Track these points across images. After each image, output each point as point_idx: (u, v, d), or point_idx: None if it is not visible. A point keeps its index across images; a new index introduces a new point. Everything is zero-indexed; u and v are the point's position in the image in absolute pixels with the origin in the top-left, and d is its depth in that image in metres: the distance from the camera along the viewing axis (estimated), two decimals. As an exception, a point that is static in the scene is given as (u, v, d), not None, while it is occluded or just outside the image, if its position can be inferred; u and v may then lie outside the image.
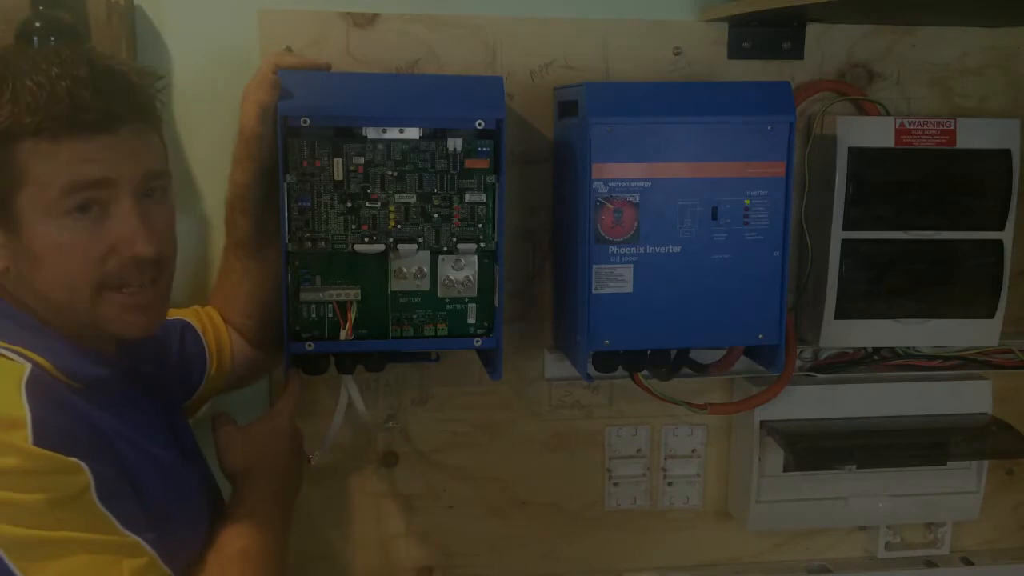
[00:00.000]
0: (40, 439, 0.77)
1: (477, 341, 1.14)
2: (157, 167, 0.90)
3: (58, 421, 0.80)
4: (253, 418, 1.10)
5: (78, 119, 0.82)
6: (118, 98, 0.85)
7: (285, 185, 1.06)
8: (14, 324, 0.86)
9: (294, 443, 1.11)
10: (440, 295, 1.12)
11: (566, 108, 1.21)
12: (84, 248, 0.84)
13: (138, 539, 0.81)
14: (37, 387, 0.81)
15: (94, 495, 0.79)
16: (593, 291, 1.14)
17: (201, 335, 1.12)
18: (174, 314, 1.12)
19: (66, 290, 0.85)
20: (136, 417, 0.91)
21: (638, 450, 1.38)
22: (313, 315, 1.10)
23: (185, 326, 1.11)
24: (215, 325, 1.14)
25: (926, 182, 1.28)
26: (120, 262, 0.86)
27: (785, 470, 1.34)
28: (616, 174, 1.12)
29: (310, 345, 1.10)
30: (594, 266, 1.14)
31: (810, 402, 1.34)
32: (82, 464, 0.79)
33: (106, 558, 0.79)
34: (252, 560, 0.93)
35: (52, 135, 0.82)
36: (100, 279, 0.86)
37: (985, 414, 1.38)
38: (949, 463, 1.37)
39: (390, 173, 1.08)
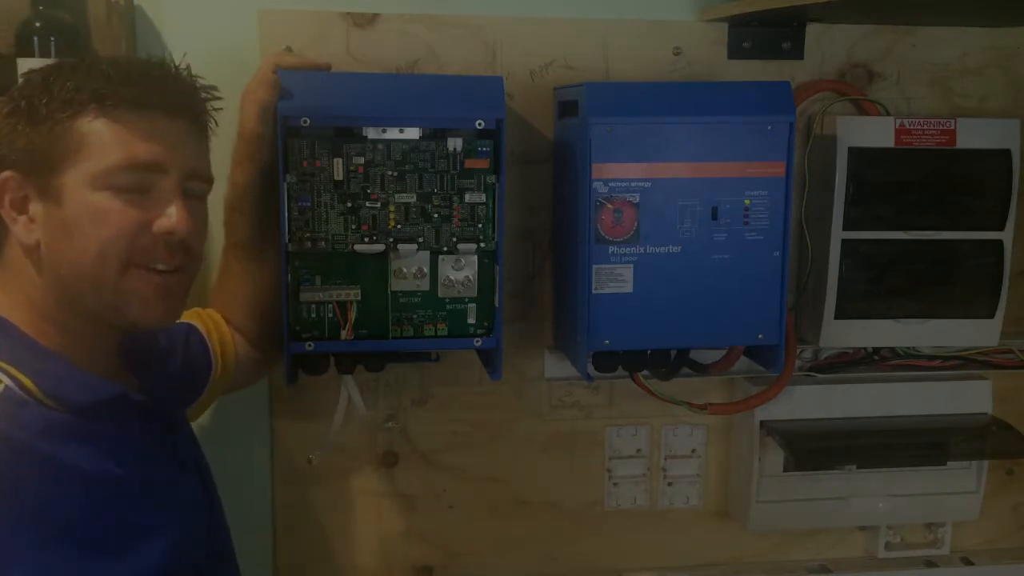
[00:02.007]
0: None
1: (477, 341, 1.14)
2: (203, 169, 0.92)
3: None
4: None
5: (144, 99, 0.85)
6: (183, 94, 0.90)
7: (285, 185, 1.06)
8: (10, 341, 0.85)
9: None
10: (440, 295, 1.12)
11: (566, 108, 1.21)
12: (121, 219, 0.84)
13: None
14: None
15: None
16: (593, 291, 1.14)
17: (206, 337, 1.12)
18: None
19: (95, 262, 0.84)
20: (123, 444, 0.88)
21: (638, 450, 1.38)
22: (313, 315, 1.10)
23: (190, 329, 1.11)
24: (218, 327, 1.14)
25: (926, 182, 1.28)
26: (152, 240, 0.86)
27: (785, 470, 1.34)
28: (616, 174, 1.12)
29: (310, 345, 1.10)
30: (594, 266, 1.14)
31: (810, 402, 1.34)
32: None
33: None
34: None
35: (116, 110, 0.84)
36: (130, 254, 0.85)
37: (985, 414, 1.38)
38: (949, 463, 1.37)
39: (390, 173, 1.09)
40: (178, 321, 1.10)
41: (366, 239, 1.09)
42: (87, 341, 0.89)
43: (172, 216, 0.86)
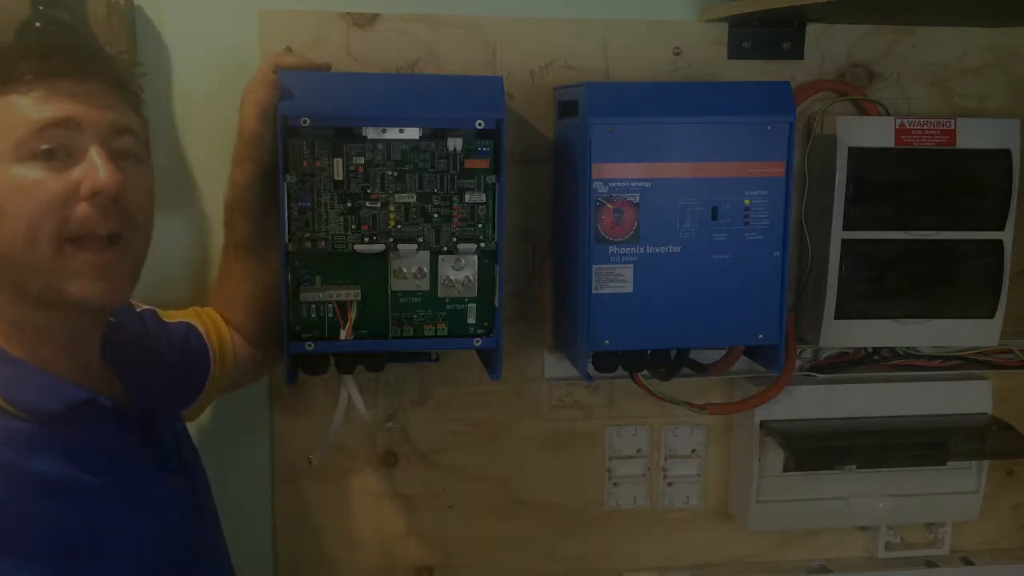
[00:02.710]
0: None
1: (477, 341, 1.14)
2: (128, 123, 0.88)
3: None
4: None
5: (47, 67, 0.83)
6: (90, 59, 0.86)
7: (285, 185, 1.06)
8: None
9: None
10: (440, 295, 1.12)
11: (566, 108, 1.21)
12: (46, 191, 0.81)
13: None
14: None
15: None
16: (593, 291, 1.14)
17: (204, 336, 1.12)
18: (175, 316, 1.12)
19: (27, 242, 0.81)
20: (93, 450, 0.87)
21: (638, 450, 1.38)
22: (313, 315, 1.10)
23: (190, 329, 1.11)
24: (217, 326, 1.14)
25: (926, 182, 1.28)
26: (82, 209, 0.82)
27: (785, 470, 1.34)
28: (616, 174, 1.12)
29: (310, 345, 1.10)
30: (594, 266, 1.14)
31: (810, 402, 1.34)
32: None
33: None
34: None
35: (20, 84, 0.82)
36: (61, 228, 0.82)
37: (985, 414, 1.37)
38: (949, 463, 1.37)
39: (390, 173, 1.08)
40: (178, 322, 1.11)
41: (366, 239, 1.09)
42: (57, 342, 0.87)
43: (99, 173, 0.82)
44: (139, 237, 0.89)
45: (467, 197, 1.10)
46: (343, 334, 1.10)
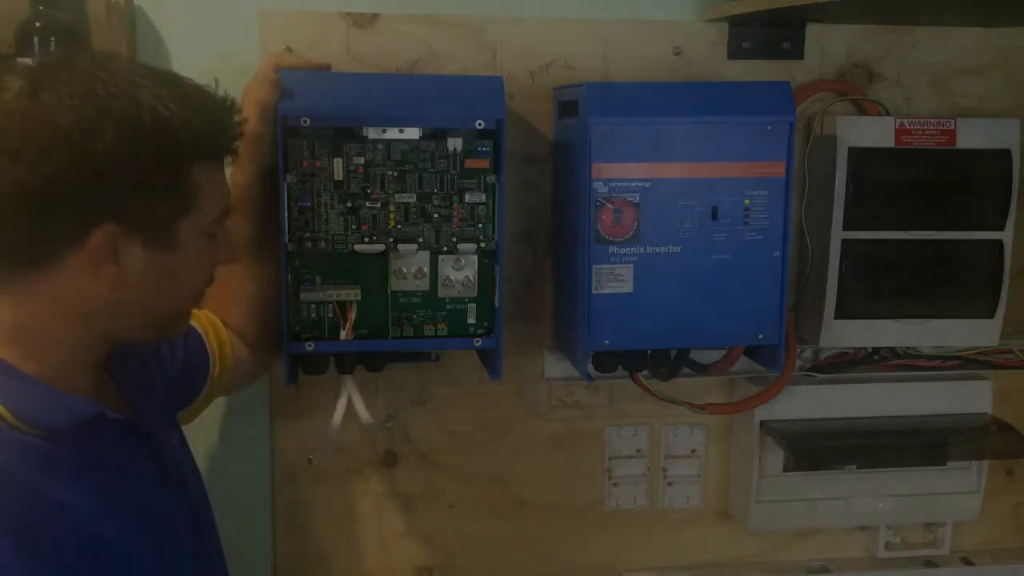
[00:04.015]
0: None
1: (477, 341, 1.14)
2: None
3: None
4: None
5: (230, 144, 0.87)
6: (233, 139, 0.89)
7: (285, 185, 1.06)
8: None
9: None
10: (440, 295, 1.12)
11: (566, 108, 1.21)
12: (208, 264, 0.89)
13: None
14: None
15: None
16: (593, 291, 1.14)
17: (204, 338, 1.11)
18: None
19: (178, 302, 0.89)
20: (99, 465, 0.86)
21: (638, 450, 1.38)
22: (313, 315, 1.10)
23: (189, 331, 1.10)
24: (215, 327, 1.13)
25: (926, 182, 1.28)
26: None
27: (785, 470, 1.34)
28: (616, 174, 1.12)
29: (310, 345, 1.10)
30: (594, 266, 1.14)
31: (810, 402, 1.34)
32: None
33: None
34: None
35: (216, 158, 0.86)
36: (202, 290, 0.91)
37: (985, 414, 1.38)
38: (949, 463, 1.37)
39: (390, 173, 1.09)
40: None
41: (366, 239, 1.09)
42: (76, 359, 0.87)
43: (230, 247, 0.92)
44: None
45: (467, 197, 1.10)
46: (343, 334, 1.10)
